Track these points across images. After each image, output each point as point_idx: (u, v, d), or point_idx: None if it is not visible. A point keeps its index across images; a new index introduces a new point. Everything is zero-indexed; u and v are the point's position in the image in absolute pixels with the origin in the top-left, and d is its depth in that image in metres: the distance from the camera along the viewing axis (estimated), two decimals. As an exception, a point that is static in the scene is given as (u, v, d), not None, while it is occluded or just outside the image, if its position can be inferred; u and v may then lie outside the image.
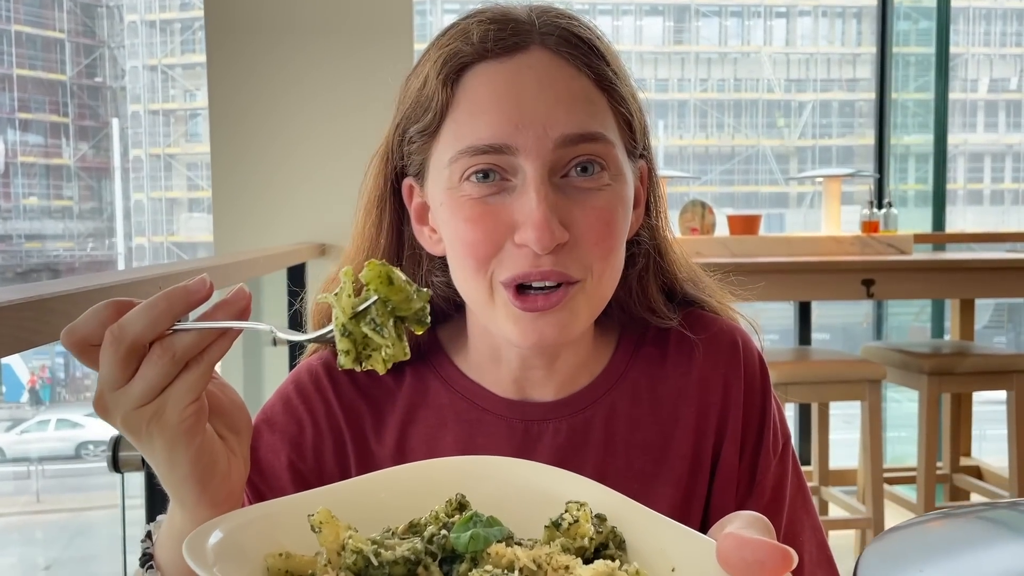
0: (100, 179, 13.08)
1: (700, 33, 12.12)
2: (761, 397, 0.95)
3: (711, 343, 0.95)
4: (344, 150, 3.06)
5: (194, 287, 0.62)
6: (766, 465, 0.93)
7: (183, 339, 0.61)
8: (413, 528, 0.61)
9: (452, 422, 0.92)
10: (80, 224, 12.79)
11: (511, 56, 0.82)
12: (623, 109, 0.85)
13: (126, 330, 0.60)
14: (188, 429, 0.63)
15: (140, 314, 0.60)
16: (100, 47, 13.40)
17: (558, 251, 0.80)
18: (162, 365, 0.61)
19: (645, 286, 0.94)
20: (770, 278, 2.57)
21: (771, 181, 11.75)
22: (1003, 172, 12.38)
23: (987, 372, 3.18)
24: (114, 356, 0.60)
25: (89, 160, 13.03)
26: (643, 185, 0.93)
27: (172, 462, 0.65)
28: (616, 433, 0.92)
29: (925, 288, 3.26)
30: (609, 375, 0.94)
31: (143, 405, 0.62)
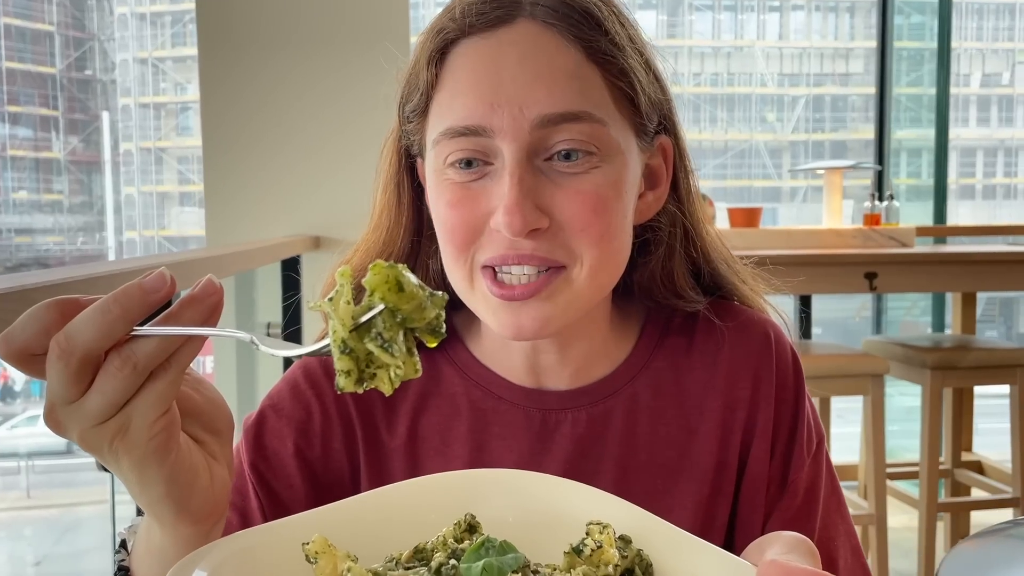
0: (90, 173, 12.99)
1: (694, 27, 12.08)
2: (794, 393, 0.90)
3: (741, 334, 0.91)
4: (336, 142, 3.02)
5: (151, 285, 0.52)
6: (799, 465, 0.89)
7: (144, 346, 0.52)
8: (419, 555, 0.56)
9: (466, 411, 0.88)
10: (70, 218, 12.70)
11: (495, 31, 0.77)
12: (622, 83, 0.79)
13: (74, 340, 0.51)
14: (159, 447, 0.55)
15: (90, 320, 0.51)
16: (90, 40, 13.30)
17: (537, 236, 0.76)
18: (122, 378, 0.52)
19: (670, 271, 0.89)
20: (772, 271, 2.53)
21: (764, 175, 11.73)
22: (995, 167, 12.39)
23: (991, 366, 3.15)
24: (63, 371, 0.51)
25: (79, 154, 12.94)
26: (667, 162, 0.87)
27: (144, 483, 0.56)
28: (638, 425, 0.88)
29: (927, 281, 3.23)
30: (631, 364, 0.90)
31: (103, 422, 0.53)
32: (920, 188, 4.75)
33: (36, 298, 0.90)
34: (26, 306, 0.86)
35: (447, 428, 0.88)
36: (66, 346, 0.51)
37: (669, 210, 0.89)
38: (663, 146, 0.87)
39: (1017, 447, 3.19)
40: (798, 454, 0.89)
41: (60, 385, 0.52)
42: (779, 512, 0.88)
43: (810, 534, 0.88)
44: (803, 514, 0.89)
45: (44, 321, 0.52)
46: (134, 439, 0.54)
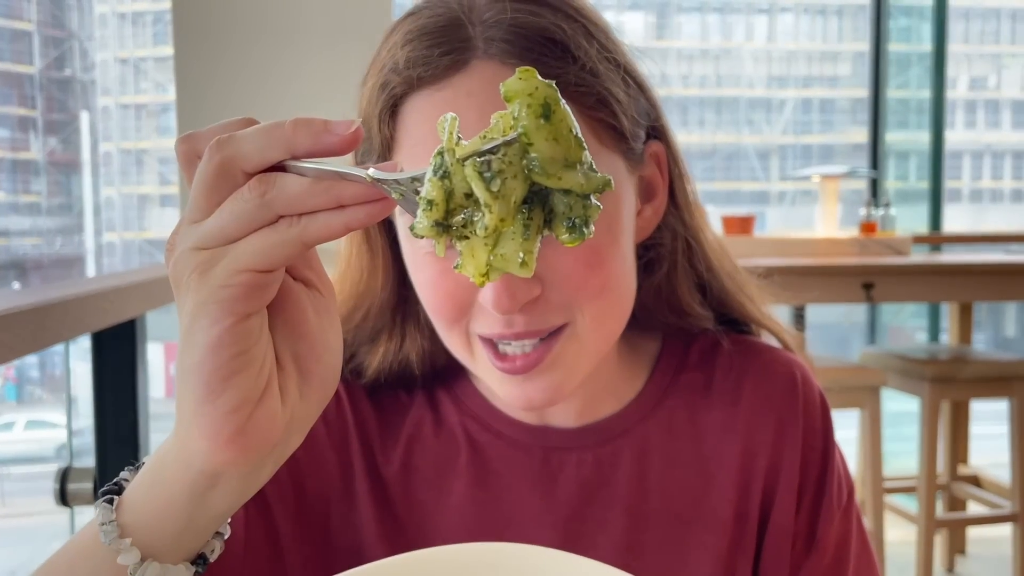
0: (69, 174, 12.83)
1: (682, 29, 12.04)
2: (823, 441, 0.82)
3: (764, 373, 0.82)
4: (321, 146, 2.93)
5: (334, 125, 0.47)
6: (828, 519, 0.81)
7: (287, 182, 0.46)
8: None
9: (464, 445, 0.80)
10: (48, 220, 12.54)
11: (447, 80, 0.67)
12: (601, 114, 0.70)
13: (229, 145, 0.47)
14: (227, 298, 0.46)
15: (255, 131, 0.48)
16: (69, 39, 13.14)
17: (530, 307, 0.68)
18: (246, 204, 0.46)
19: (674, 287, 0.81)
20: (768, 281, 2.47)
21: (752, 178, 11.70)
22: (982, 171, 12.40)
23: (989, 379, 3.10)
24: (205, 171, 0.47)
25: (58, 154, 12.78)
26: (661, 169, 0.79)
27: (189, 335, 0.47)
28: (650, 469, 0.80)
29: (925, 291, 3.18)
30: (643, 402, 0.82)
31: (201, 248, 0.46)
32: (908, 192, 4.70)
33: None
34: None
35: (442, 461, 0.81)
36: (221, 143, 0.47)
37: (669, 222, 0.80)
38: (655, 153, 0.78)
39: (1017, 461, 3.13)
40: (827, 507, 0.81)
41: (193, 192, 0.48)
42: (807, 571, 0.81)
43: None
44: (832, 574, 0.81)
45: (230, 127, 0.50)
46: (212, 278, 0.46)
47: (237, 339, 0.47)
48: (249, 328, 0.48)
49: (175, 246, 0.48)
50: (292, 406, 0.52)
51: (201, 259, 0.46)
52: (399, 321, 0.80)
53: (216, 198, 0.47)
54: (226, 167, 0.47)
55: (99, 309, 1.11)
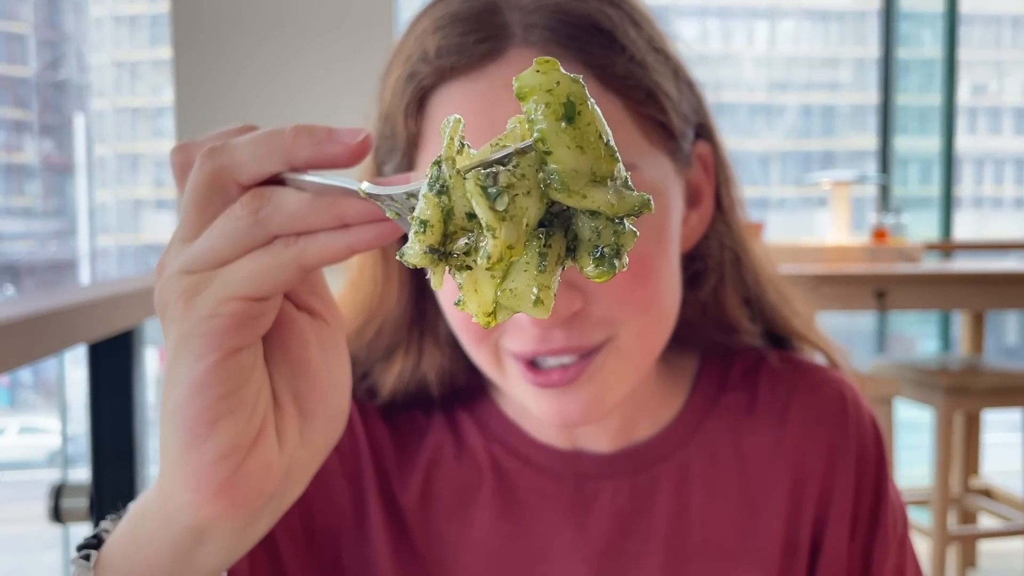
0: (64, 177, 12.77)
1: (681, 34, 12.04)
2: (876, 467, 0.76)
3: (813, 394, 0.77)
4: (321, 150, 2.88)
5: (340, 133, 0.43)
6: (883, 552, 0.75)
7: (284, 197, 0.41)
8: None
9: (488, 472, 0.74)
10: (43, 223, 12.48)
11: (483, 70, 0.60)
12: (649, 109, 0.64)
13: (222, 152, 0.42)
14: (216, 329, 0.40)
15: (251, 139, 0.43)
16: (65, 41, 13.10)
17: (570, 322, 0.61)
18: (237, 221, 0.40)
19: (722, 302, 0.76)
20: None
21: (752, 183, 11.68)
22: (983, 177, 12.40)
23: (1003, 389, 3.05)
24: (196, 179, 0.42)
25: (52, 157, 12.72)
26: (707, 171, 0.73)
27: (172, 372, 0.42)
28: (690, 498, 0.73)
29: (938, 299, 3.13)
30: (682, 425, 0.76)
31: (189, 272, 0.41)
32: (914, 199, 4.66)
33: None
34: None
35: (466, 490, 0.74)
36: (210, 154, 0.42)
37: (716, 230, 0.75)
38: (701, 155, 0.73)
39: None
40: (882, 540, 0.75)
41: (183, 207, 0.43)
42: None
43: None
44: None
45: (226, 135, 0.45)
46: (196, 306, 0.41)
47: (225, 377, 0.41)
48: (239, 365, 0.42)
49: (164, 265, 0.42)
50: (291, 451, 0.46)
51: (188, 284, 0.41)
52: (416, 337, 0.74)
53: (208, 214, 0.42)
54: (218, 178, 0.42)
55: (94, 319, 1.04)
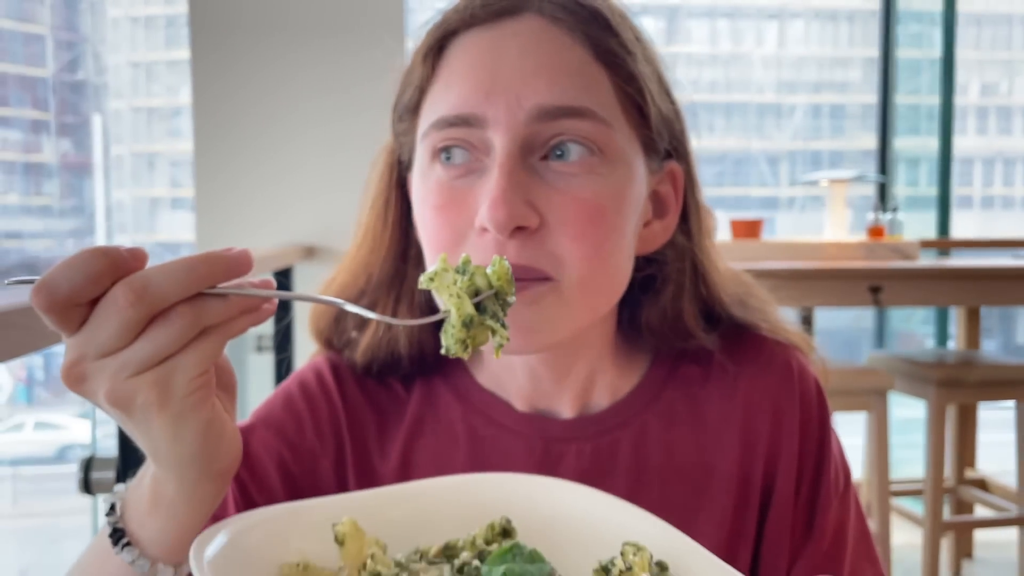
0: (81, 176, 12.90)
1: (691, 34, 12.06)
2: (819, 429, 0.84)
3: (761, 363, 0.85)
4: (332, 149, 2.96)
5: (237, 258, 0.53)
6: (826, 504, 0.83)
7: (214, 306, 0.53)
8: (447, 551, 0.55)
9: (464, 438, 0.82)
10: (60, 222, 12.60)
11: (498, 23, 0.72)
12: (631, 88, 0.73)
13: (151, 288, 0.50)
14: (198, 402, 0.54)
15: (174, 274, 0.51)
16: (82, 43, 13.22)
17: (525, 238, 0.69)
18: (180, 327, 0.51)
19: (679, 311, 0.83)
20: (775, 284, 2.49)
21: (761, 183, 11.69)
22: (993, 177, 12.37)
23: (996, 383, 3.11)
24: (126, 316, 0.50)
25: (70, 157, 12.84)
26: (676, 191, 0.81)
27: (177, 438, 0.55)
28: (648, 459, 0.81)
29: (933, 295, 3.18)
30: (641, 393, 0.84)
31: (141, 373, 0.52)
32: (918, 198, 4.71)
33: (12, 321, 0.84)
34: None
35: (443, 456, 0.82)
36: (142, 292, 0.50)
37: (678, 244, 0.82)
38: (673, 172, 0.81)
39: (1023, 465, 3.14)
40: (825, 494, 0.83)
41: (110, 332, 0.51)
42: (805, 558, 0.82)
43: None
44: (831, 560, 0.82)
45: (95, 269, 0.50)
46: (175, 391, 0.53)
47: (217, 419, 0.57)
48: (218, 406, 0.58)
49: (89, 378, 0.52)
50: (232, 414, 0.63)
51: (146, 381, 0.52)
52: (392, 298, 0.83)
53: (136, 332, 0.51)
54: (149, 308, 0.51)
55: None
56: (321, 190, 2.95)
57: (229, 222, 2.99)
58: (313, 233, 2.94)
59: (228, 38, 2.99)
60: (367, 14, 2.99)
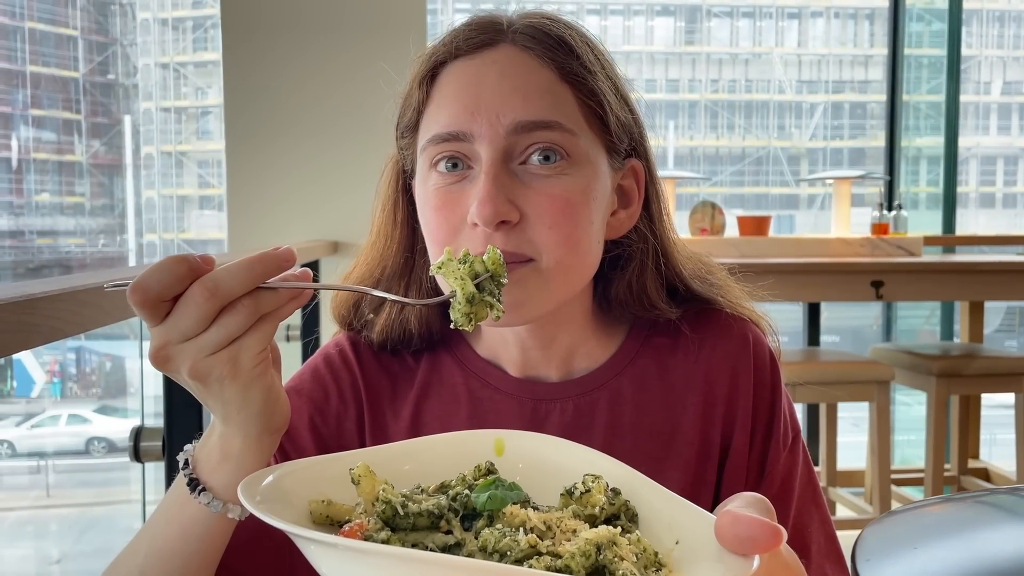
0: (112, 176, 13.13)
1: (711, 34, 12.10)
2: (771, 391, 0.97)
3: (721, 335, 0.99)
4: (358, 148, 3.08)
5: (284, 255, 0.66)
6: (775, 456, 0.96)
7: (268, 297, 0.66)
8: (443, 488, 0.65)
9: (465, 400, 0.97)
10: (92, 220, 12.84)
11: (479, 53, 0.88)
12: (591, 102, 0.88)
13: (223, 286, 0.64)
14: (261, 372, 0.68)
15: (239, 273, 0.64)
16: (113, 44, 13.44)
17: (508, 230, 0.84)
18: (245, 316, 0.65)
19: (644, 284, 0.97)
20: (779, 279, 2.58)
21: (781, 182, 11.73)
22: (1016, 175, 12.32)
23: (996, 374, 3.19)
24: (203, 309, 0.64)
25: (101, 157, 13.08)
26: (638, 184, 0.96)
27: (245, 401, 0.69)
28: (622, 416, 0.95)
29: (934, 290, 3.27)
30: (616, 361, 0.98)
31: (215, 352, 0.65)
32: (927, 196, 4.77)
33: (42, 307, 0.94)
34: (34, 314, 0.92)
35: (447, 415, 0.97)
36: (215, 289, 0.64)
37: (640, 229, 0.96)
38: (634, 168, 0.95)
39: (1023, 454, 3.22)
40: (774, 446, 0.96)
41: (191, 321, 0.64)
42: None
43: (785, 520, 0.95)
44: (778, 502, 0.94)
45: (178, 272, 0.64)
46: (243, 365, 0.67)
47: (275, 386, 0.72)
48: (274, 375, 0.72)
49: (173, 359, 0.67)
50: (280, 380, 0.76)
51: (221, 359, 0.66)
52: (403, 284, 0.98)
53: (211, 321, 0.65)
54: (220, 302, 0.64)
55: None
56: (347, 188, 3.08)
57: (258, 219, 3.13)
58: (338, 229, 3.08)
59: (258, 39, 3.11)
60: (392, 17, 3.11)
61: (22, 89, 12.87)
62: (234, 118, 3.12)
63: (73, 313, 0.97)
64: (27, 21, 13.18)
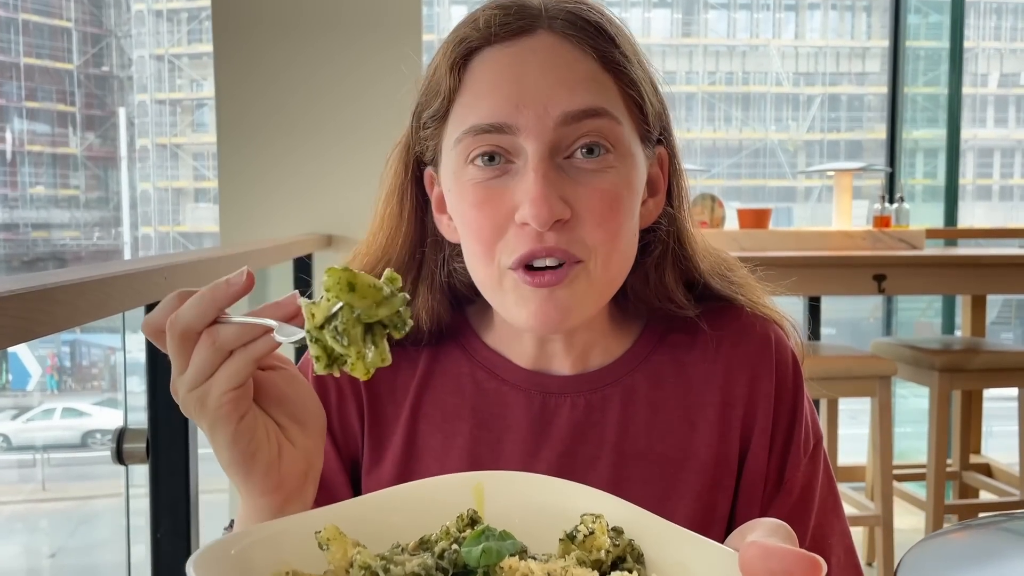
0: (106, 168, 13.07)
1: (708, 25, 12.05)
2: (793, 394, 0.93)
3: (742, 333, 0.94)
4: (352, 141, 3.05)
5: (234, 279, 0.64)
6: (795, 464, 0.92)
7: (224, 330, 0.65)
8: (424, 544, 0.59)
9: (470, 391, 0.93)
10: (86, 213, 12.79)
11: (516, 40, 0.83)
12: (632, 92, 0.85)
13: (178, 320, 0.65)
14: (225, 414, 0.66)
15: (190, 305, 0.64)
16: (107, 36, 13.37)
17: (560, 228, 0.80)
18: (205, 352, 0.64)
19: (662, 275, 0.93)
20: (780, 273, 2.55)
21: (779, 175, 11.70)
22: (1012, 168, 12.31)
23: (999, 369, 3.15)
24: (169, 343, 0.65)
25: (96, 149, 13.01)
26: (663, 172, 0.92)
27: (214, 443, 0.68)
28: (636, 414, 0.91)
29: (937, 283, 3.23)
30: (631, 357, 0.94)
31: (193, 389, 0.66)
32: (938, 189, 4.74)
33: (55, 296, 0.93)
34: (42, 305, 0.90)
35: (449, 406, 0.93)
36: (172, 322, 0.65)
37: (667, 214, 0.93)
38: (661, 156, 0.91)
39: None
40: (795, 453, 0.92)
41: (171, 356, 0.66)
42: (774, 509, 0.91)
43: (804, 532, 0.91)
44: (798, 512, 0.91)
45: (170, 307, 0.66)
46: (208, 405, 0.66)
47: (244, 434, 0.68)
48: (248, 423, 0.68)
49: (177, 392, 0.67)
50: (303, 446, 0.73)
51: (195, 396, 0.66)
52: (411, 280, 0.93)
53: (187, 356, 0.66)
54: (185, 336, 0.65)
55: (156, 283, 1.22)
56: (340, 182, 3.05)
57: (251, 213, 3.09)
58: (332, 223, 3.04)
59: (251, 32, 3.07)
60: (387, 9, 3.07)
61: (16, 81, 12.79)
62: (226, 111, 3.08)
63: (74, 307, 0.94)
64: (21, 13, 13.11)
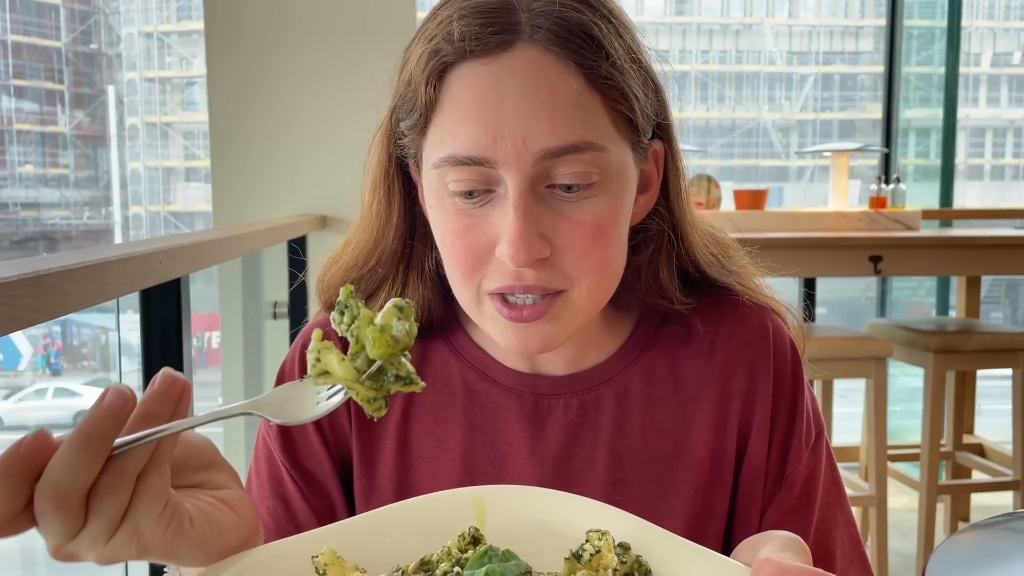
0: (96, 147, 12.97)
1: (702, 4, 11.98)
2: (792, 385, 0.91)
3: (738, 324, 0.91)
4: (345, 120, 3.02)
5: (114, 405, 0.52)
6: (797, 456, 0.90)
7: (130, 457, 0.53)
8: (425, 566, 0.58)
9: (460, 393, 0.90)
10: (76, 192, 12.69)
11: (495, 56, 0.76)
12: (622, 106, 0.79)
13: (64, 485, 0.51)
14: (176, 530, 0.55)
15: (73, 461, 0.51)
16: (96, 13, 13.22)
17: (540, 265, 0.77)
18: (116, 492, 0.53)
19: (655, 271, 0.90)
20: (776, 253, 2.54)
21: (771, 154, 11.68)
22: (1004, 147, 12.32)
23: (994, 350, 3.16)
24: (62, 515, 0.51)
25: (85, 128, 12.90)
26: (658, 167, 0.88)
27: (180, 559, 0.57)
28: (631, 413, 0.89)
29: (933, 264, 3.23)
30: (624, 355, 0.91)
31: (111, 538, 0.53)
32: (929, 168, 4.73)
33: (47, 283, 0.92)
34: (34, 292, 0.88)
35: (441, 408, 0.90)
36: (55, 492, 0.51)
37: (658, 212, 0.89)
38: (656, 151, 0.87)
39: (1018, 430, 3.20)
40: (796, 446, 0.90)
41: (61, 526, 0.52)
42: (776, 504, 0.89)
43: (808, 526, 0.89)
44: (801, 506, 0.89)
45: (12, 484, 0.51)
46: (150, 537, 0.54)
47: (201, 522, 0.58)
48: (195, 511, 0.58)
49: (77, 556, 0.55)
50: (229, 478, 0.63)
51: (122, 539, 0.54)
52: (402, 270, 0.91)
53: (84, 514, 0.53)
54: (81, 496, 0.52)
55: (149, 268, 1.21)
56: (334, 161, 3.02)
57: (244, 193, 3.06)
58: (326, 203, 3.02)
59: (243, 9, 3.03)
60: None
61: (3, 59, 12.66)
62: (218, 89, 3.05)
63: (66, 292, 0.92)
64: (7, -11, 12.93)
